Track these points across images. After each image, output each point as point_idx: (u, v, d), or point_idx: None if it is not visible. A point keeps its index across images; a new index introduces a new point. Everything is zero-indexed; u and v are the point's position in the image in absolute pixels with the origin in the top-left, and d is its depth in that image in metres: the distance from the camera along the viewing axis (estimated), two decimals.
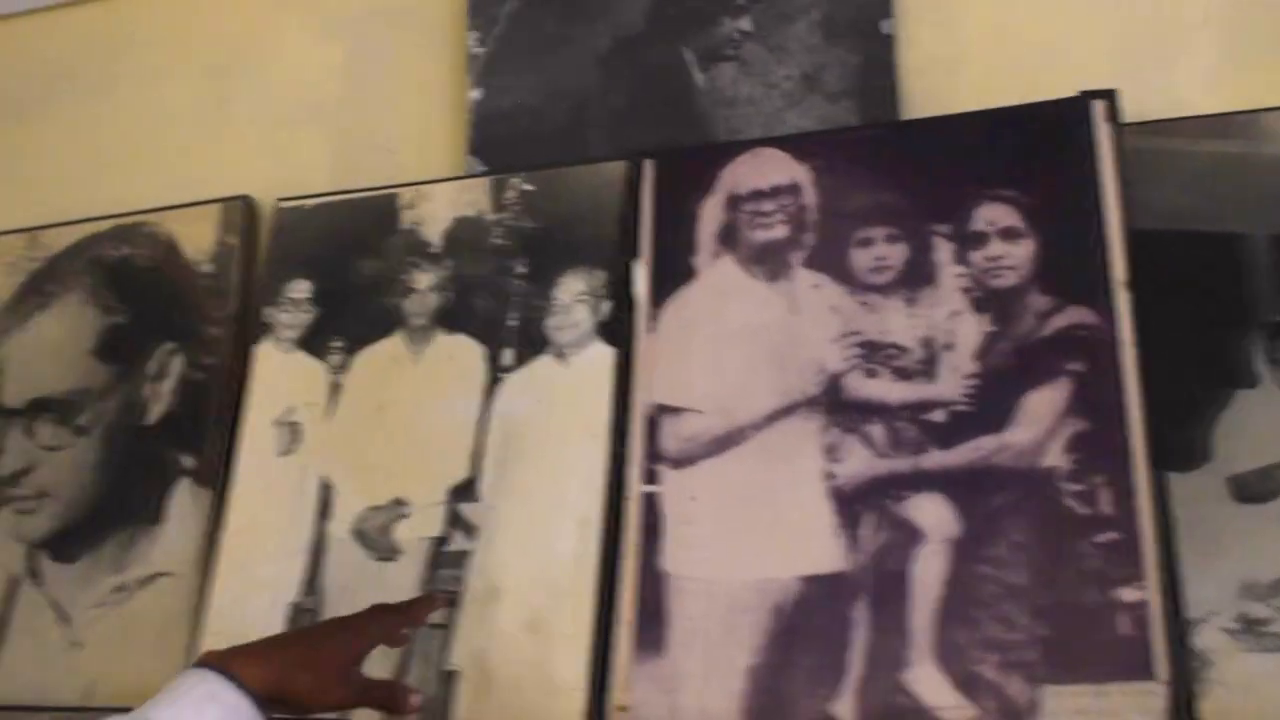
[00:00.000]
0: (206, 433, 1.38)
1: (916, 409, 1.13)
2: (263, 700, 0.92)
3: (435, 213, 1.36)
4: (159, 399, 1.42)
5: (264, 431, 1.33)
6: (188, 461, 1.38)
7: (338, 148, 1.48)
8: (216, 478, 1.36)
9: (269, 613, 1.25)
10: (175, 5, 1.61)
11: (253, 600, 1.26)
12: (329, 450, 1.30)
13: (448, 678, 1.16)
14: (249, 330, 1.41)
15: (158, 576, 1.35)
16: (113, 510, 1.40)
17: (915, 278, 1.18)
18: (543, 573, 1.17)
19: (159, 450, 1.40)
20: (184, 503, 1.37)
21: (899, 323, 1.16)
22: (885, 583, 1.08)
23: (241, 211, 1.45)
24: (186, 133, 1.56)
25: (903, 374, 1.15)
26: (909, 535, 1.09)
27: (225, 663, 0.93)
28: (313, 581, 1.25)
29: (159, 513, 1.37)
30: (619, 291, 1.26)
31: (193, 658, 1.26)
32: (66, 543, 1.41)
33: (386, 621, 1.06)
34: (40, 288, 1.53)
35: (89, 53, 1.65)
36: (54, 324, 1.51)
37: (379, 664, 1.12)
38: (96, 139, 1.61)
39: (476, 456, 1.24)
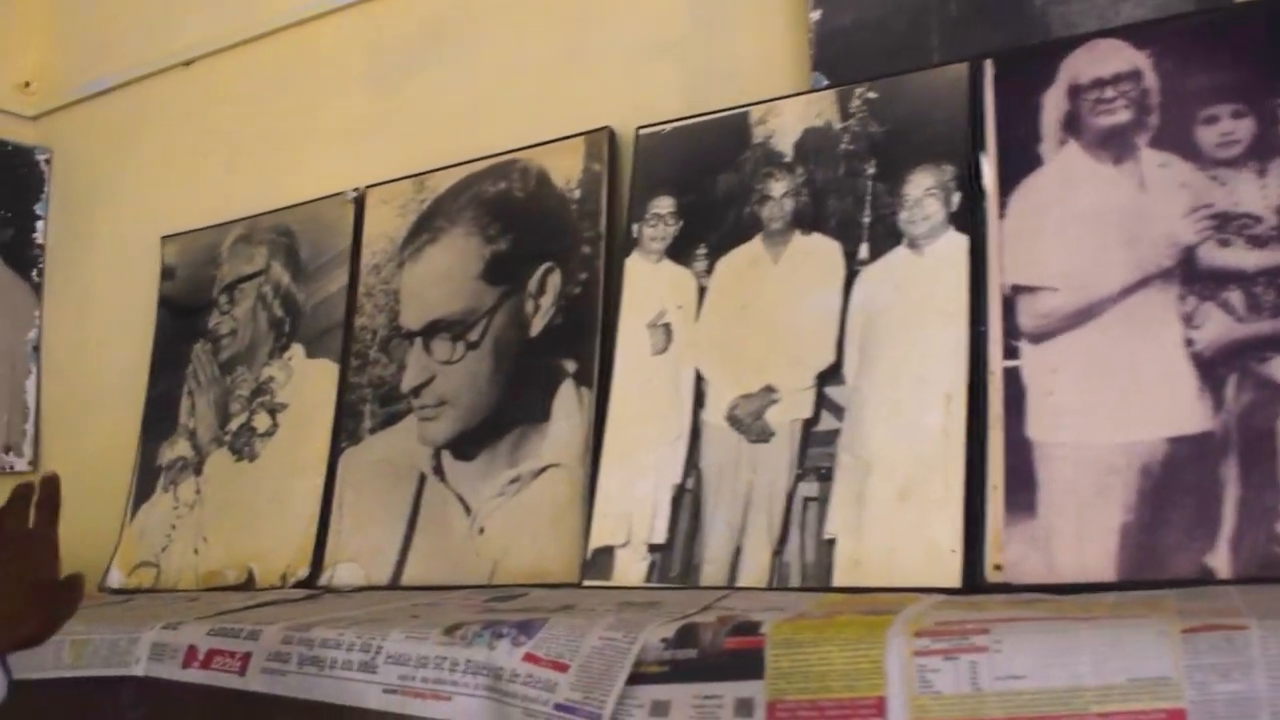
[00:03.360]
0: (585, 339, 1.53)
1: (1274, 274, 1.14)
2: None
3: (785, 126, 1.46)
4: (541, 313, 1.58)
5: (639, 334, 1.47)
6: (569, 366, 1.53)
7: (688, 76, 1.60)
8: (596, 378, 1.50)
9: (654, 494, 1.38)
10: None
11: (638, 484, 1.39)
12: (699, 347, 1.42)
13: (826, 545, 1.26)
14: (618, 246, 1.54)
15: (548, 468, 1.50)
16: (505, 412, 1.57)
17: (1264, 150, 1.19)
18: (911, 445, 1.25)
19: (543, 358, 1.55)
20: (568, 402, 1.52)
21: (1250, 194, 1.18)
22: (1253, 440, 1.10)
23: (605, 141, 1.59)
24: (549, 77, 1.71)
25: (1257, 242, 1.16)
26: (1275, 394, 1.11)
27: None
28: (692, 464, 1.37)
29: (546, 412, 1.53)
30: (967, 184, 1.32)
31: (584, 539, 1.41)
32: (466, 443, 1.59)
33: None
34: (429, 225, 1.72)
35: (456, 17, 1.83)
36: (443, 255, 1.69)
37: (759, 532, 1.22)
38: (469, 91, 1.79)
39: (840, 344, 1.33)
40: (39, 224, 2.17)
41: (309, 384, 1.78)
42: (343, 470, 1.70)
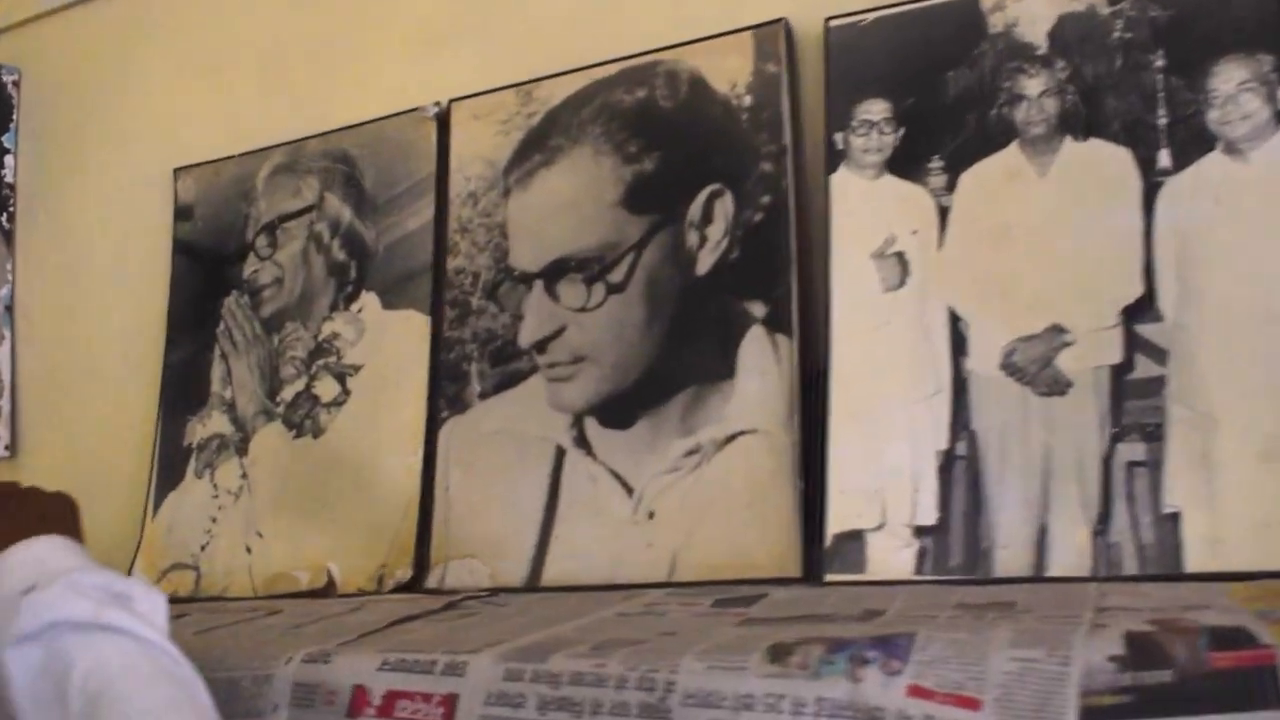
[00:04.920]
0: (777, 276, 1.24)
1: None
2: None
3: (1032, 13, 1.19)
4: (709, 246, 1.28)
5: (861, 267, 1.18)
6: (756, 309, 1.24)
7: None
8: (797, 323, 1.21)
9: (911, 463, 1.10)
10: None
11: (887, 451, 1.12)
12: (949, 280, 1.14)
13: (1167, 521, 0.99)
14: (810, 161, 1.25)
15: (738, 436, 1.21)
16: (669, 369, 1.27)
17: None
18: (1270, 394, 0.99)
19: (718, 301, 1.26)
20: (758, 353, 1.23)
21: None
22: None
23: (781, 36, 1.30)
24: None
25: None
26: None
27: None
28: (960, 425, 1.09)
29: (729, 367, 1.24)
30: None
31: (804, 520, 1.13)
32: (616, 407, 1.29)
33: None
34: (542, 143, 1.41)
35: None
36: (564, 179, 1.38)
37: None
38: None
39: (1149, 271, 1.07)
40: (6, 159, 1.77)
41: (389, 341, 1.45)
42: (446, 445, 1.38)
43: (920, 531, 1.07)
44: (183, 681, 0.83)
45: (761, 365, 1.22)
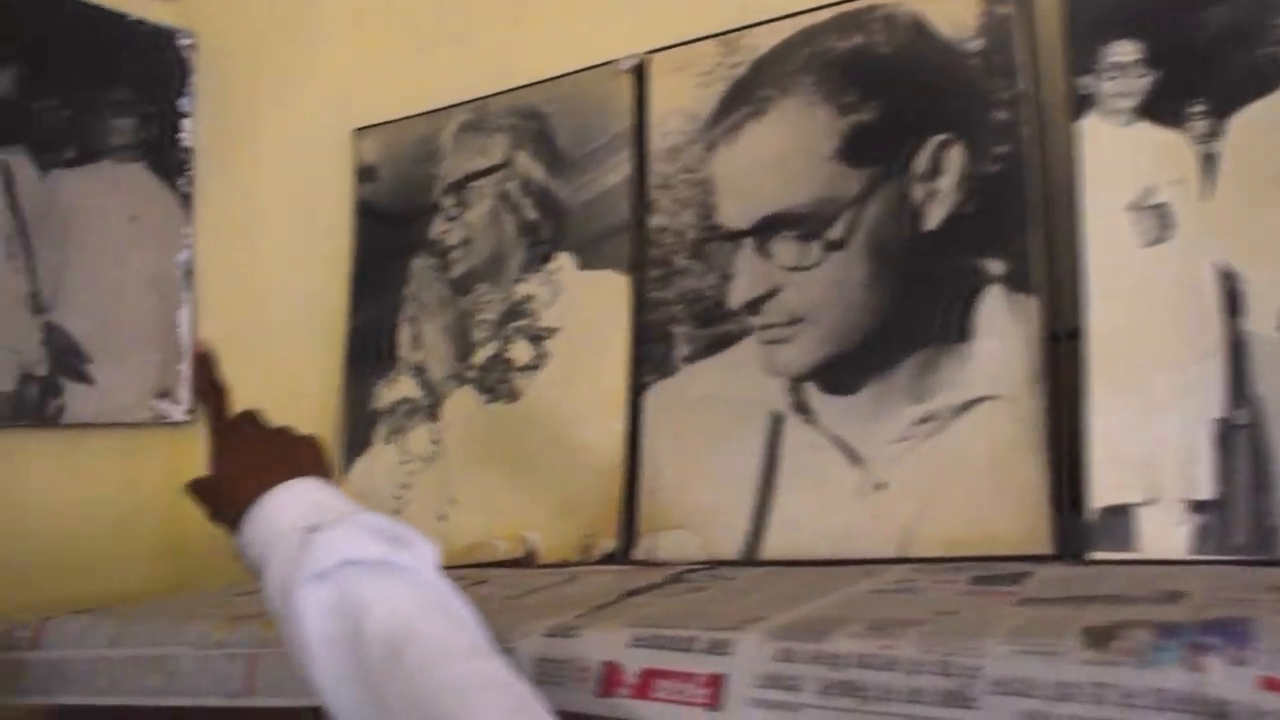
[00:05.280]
0: (1017, 231, 1.16)
1: None
2: None
3: None
4: (939, 200, 1.20)
5: (1115, 220, 1.10)
6: (994, 267, 1.16)
7: None
8: (1039, 282, 1.13)
9: (1183, 432, 1.02)
10: None
11: (1156, 420, 1.03)
12: (1219, 234, 1.05)
13: None
14: (1051, 108, 1.17)
15: (978, 402, 1.14)
16: (897, 331, 1.20)
17: None
18: None
19: (950, 258, 1.19)
20: (997, 314, 1.15)
21: None
22: None
23: None
24: None
25: None
26: None
27: None
28: (1240, 392, 1.01)
29: (964, 329, 1.16)
30: None
31: (1057, 492, 1.05)
32: (840, 372, 1.22)
33: None
34: (749, 95, 1.34)
35: None
36: (774, 132, 1.31)
37: None
38: None
39: None
40: (184, 122, 1.75)
41: (587, 302, 1.40)
42: (652, 410, 1.32)
43: (1198, 507, 0.99)
44: (473, 625, 0.81)
45: (1001, 326, 1.14)
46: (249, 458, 0.91)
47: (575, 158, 1.44)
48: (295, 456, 0.93)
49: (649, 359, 1.34)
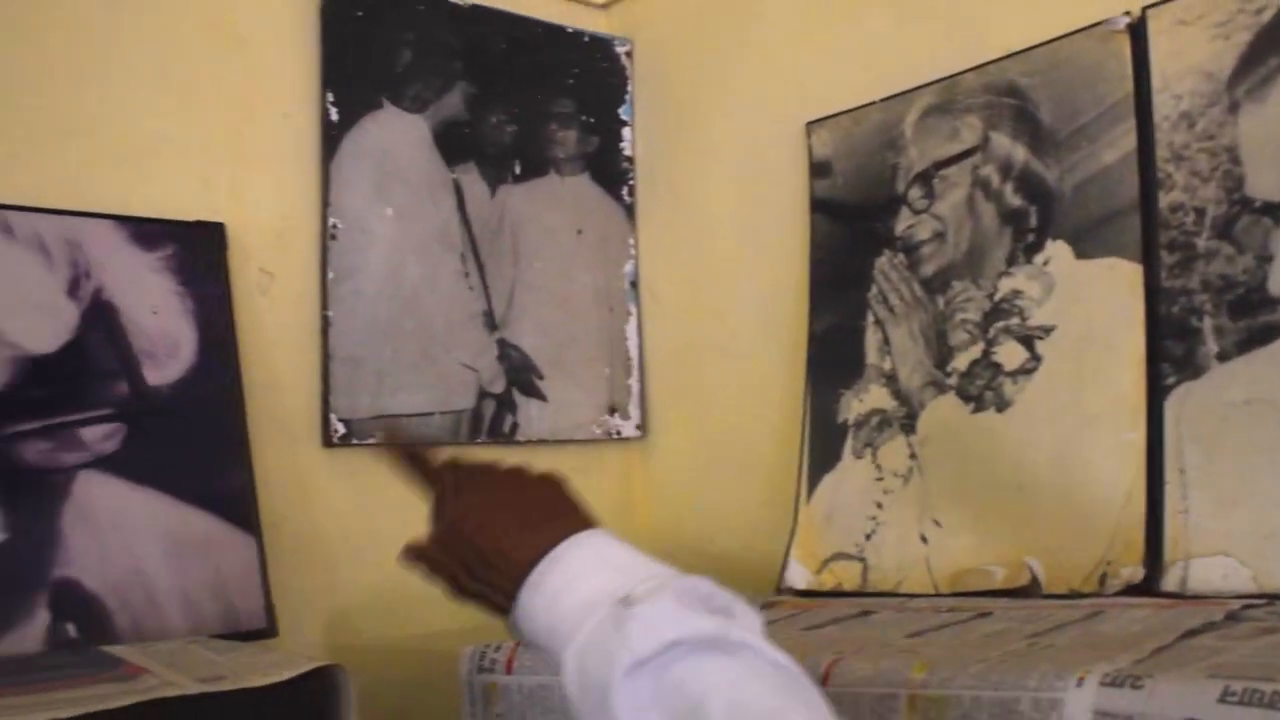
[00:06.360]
0: None
1: None
2: None
3: None
4: None
5: None
6: None
7: None
8: None
9: None
10: None
11: None
12: None
13: None
14: None
15: None
16: None
17: None
18: None
19: None
20: None
21: None
22: None
23: None
24: None
25: None
26: None
27: None
28: None
29: None
30: None
31: None
32: None
33: None
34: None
35: None
36: None
37: None
38: None
39: None
40: (625, 131, 1.72)
41: (1088, 296, 1.23)
42: (1176, 418, 1.14)
43: None
44: (828, 709, 0.64)
45: None
46: (496, 511, 0.77)
47: (1063, 135, 1.28)
48: (548, 501, 0.79)
49: (1170, 358, 1.16)
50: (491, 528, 0.76)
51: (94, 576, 1.05)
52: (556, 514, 0.77)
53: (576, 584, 0.71)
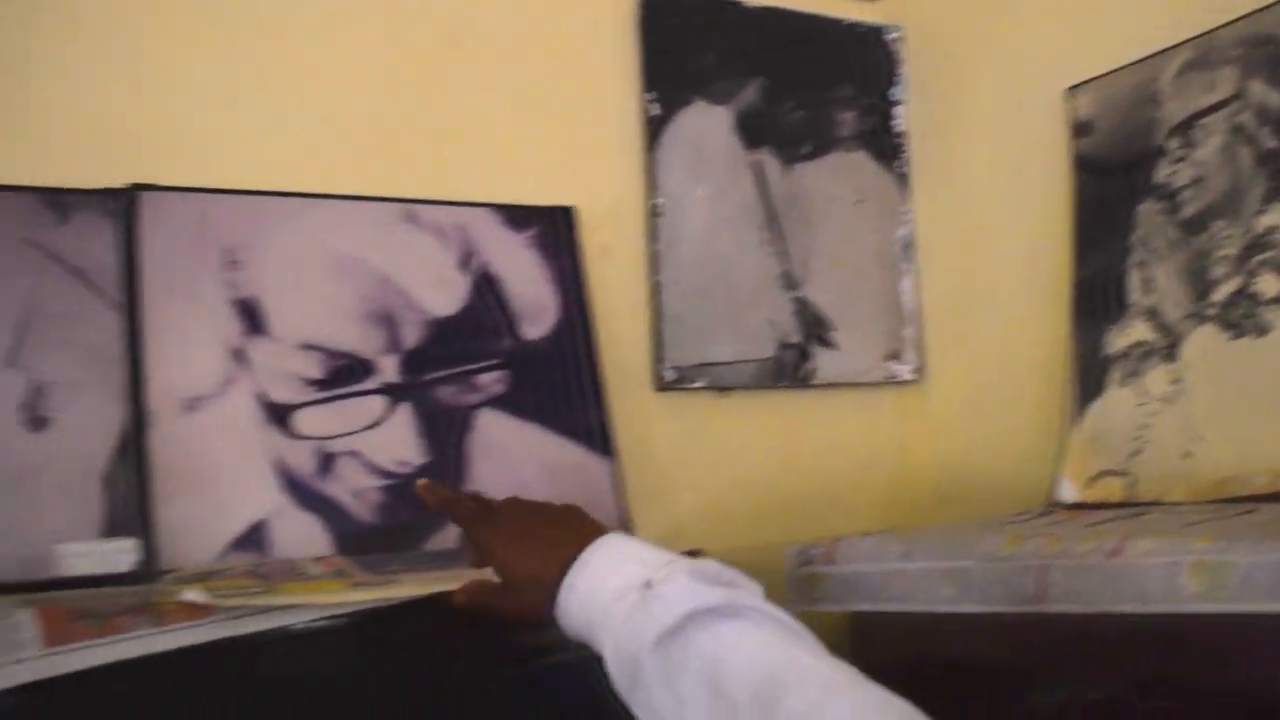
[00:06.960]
0: None
1: None
2: None
3: None
4: None
5: None
6: None
7: None
8: None
9: None
10: None
11: None
12: None
13: None
14: None
15: None
16: None
17: None
18: None
19: None
20: None
21: None
22: None
23: None
24: None
25: None
26: None
27: None
28: None
29: None
30: None
31: None
32: None
33: None
34: None
35: None
36: None
37: None
38: None
39: None
40: (896, 110, 1.92)
41: None
42: None
43: None
44: (828, 657, 0.75)
45: None
46: (531, 537, 0.91)
47: None
48: (572, 522, 0.93)
49: None
50: (525, 554, 0.90)
51: (492, 492, 1.32)
52: (577, 530, 0.90)
53: (604, 580, 0.83)
